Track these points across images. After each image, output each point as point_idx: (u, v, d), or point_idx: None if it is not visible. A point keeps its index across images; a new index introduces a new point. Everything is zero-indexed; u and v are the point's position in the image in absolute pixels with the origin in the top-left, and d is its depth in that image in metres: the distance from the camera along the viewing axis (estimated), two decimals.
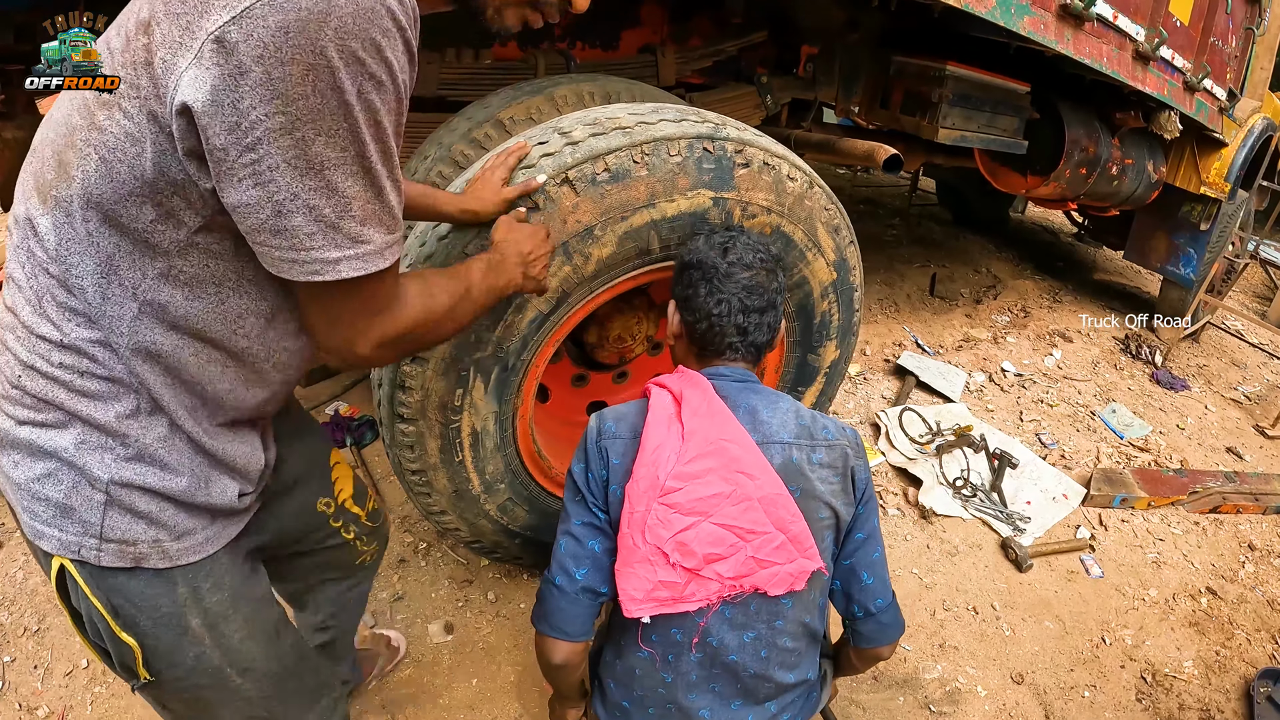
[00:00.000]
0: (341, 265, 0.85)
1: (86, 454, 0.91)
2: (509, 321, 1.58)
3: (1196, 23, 3.43)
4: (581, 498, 1.29)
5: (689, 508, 1.21)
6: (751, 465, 1.24)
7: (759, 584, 1.24)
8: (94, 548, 0.94)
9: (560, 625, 1.27)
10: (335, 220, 0.82)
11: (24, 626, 2.05)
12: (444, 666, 2.00)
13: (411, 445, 1.68)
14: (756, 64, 2.96)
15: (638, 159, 1.54)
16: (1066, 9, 2.58)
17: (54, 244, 0.87)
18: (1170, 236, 4.84)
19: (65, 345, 0.88)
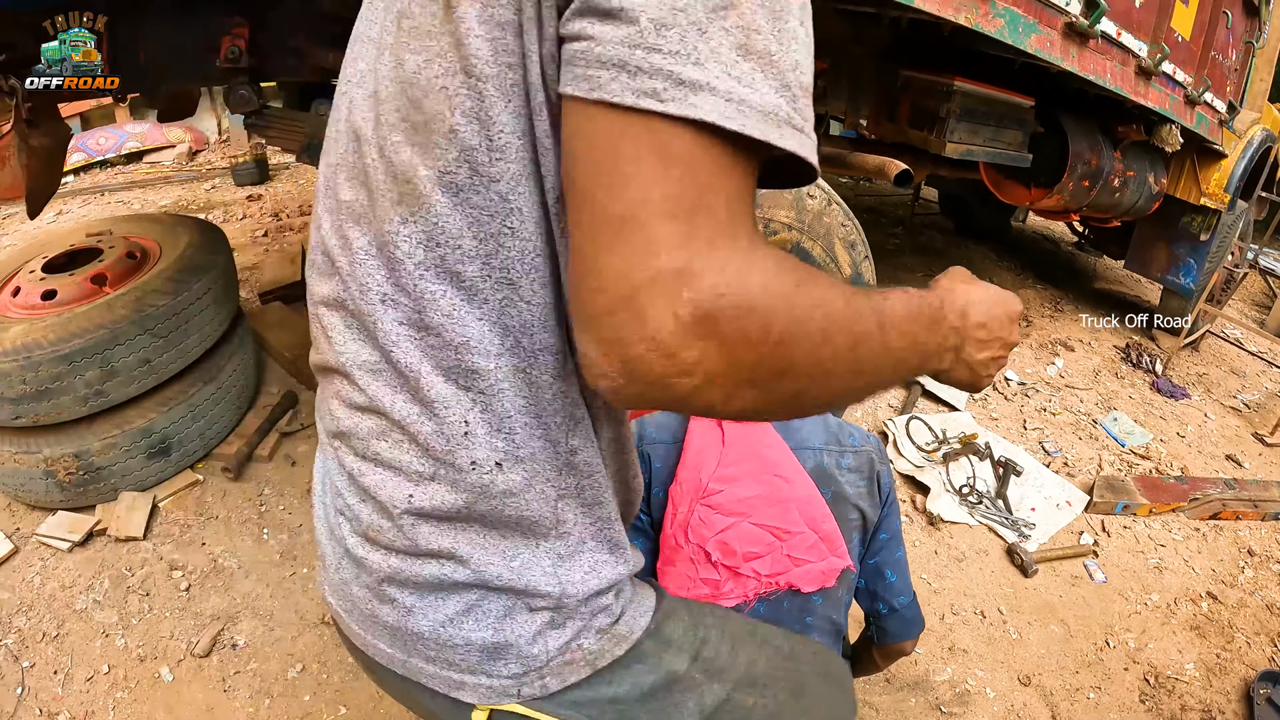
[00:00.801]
0: (708, 100, 0.49)
1: (510, 567, 0.74)
2: None
3: (1198, 37, 3.50)
4: None
5: (729, 508, 1.29)
6: (787, 469, 1.31)
7: (793, 581, 1.31)
8: (537, 679, 0.76)
9: None
10: (733, 26, 0.51)
11: (43, 631, 2.09)
12: None
13: None
14: None
15: None
16: (1072, 27, 2.64)
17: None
18: (1171, 246, 4.91)
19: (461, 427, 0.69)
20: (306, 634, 2.12)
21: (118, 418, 2.46)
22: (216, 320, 2.71)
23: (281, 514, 2.52)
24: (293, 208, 5.46)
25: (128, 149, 6.14)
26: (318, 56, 2.17)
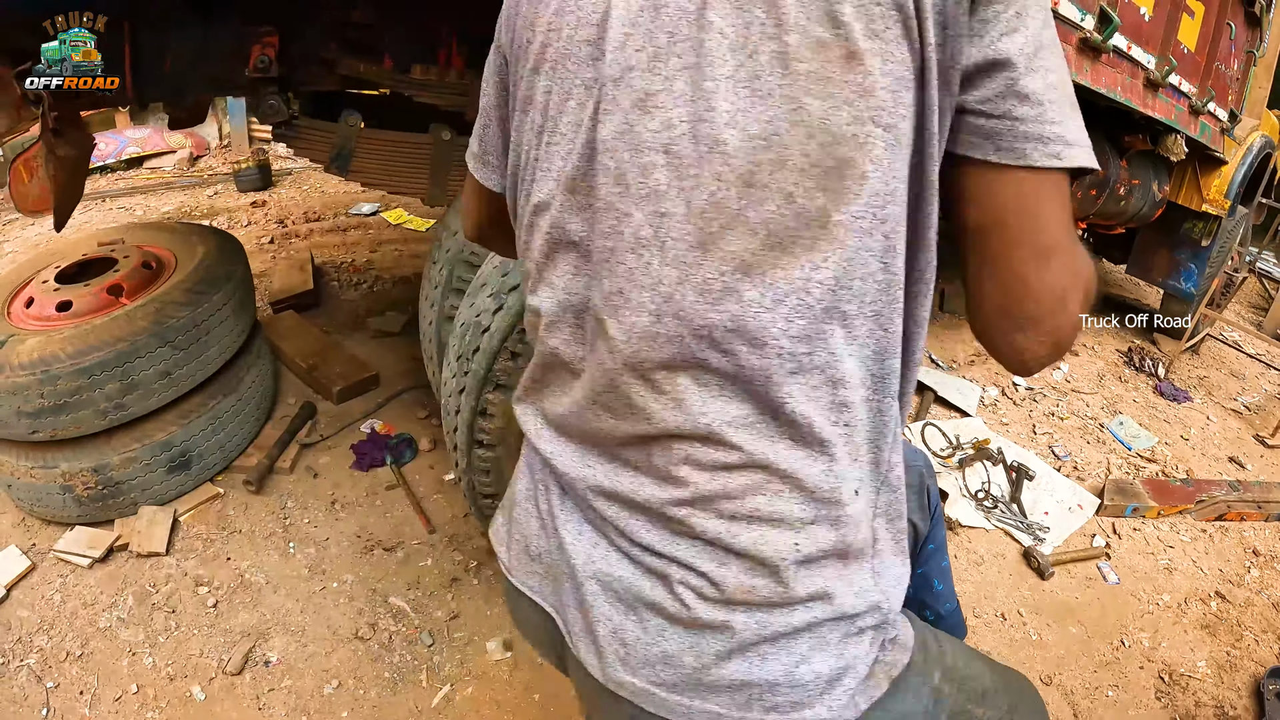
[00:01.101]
0: (1078, 150, 0.66)
1: (854, 593, 0.75)
2: None
3: (1203, 49, 3.53)
4: None
5: None
6: None
7: None
8: (859, 698, 0.76)
9: None
10: (1069, 92, 0.67)
11: (66, 651, 2.06)
12: (506, 683, 2.08)
13: (488, 470, 1.76)
14: None
15: None
16: (1086, 42, 2.66)
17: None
18: (1172, 252, 4.97)
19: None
20: (340, 649, 2.11)
21: (137, 431, 2.44)
22: (236, 331, 2.69)
23: (307, 527, 2.50)
24: (298, 214, 5.41)
25: (128, 154, 6.07)
26: (347, 66, 2.15)
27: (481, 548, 2.50)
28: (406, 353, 3.59)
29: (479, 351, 1.68)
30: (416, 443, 2.95)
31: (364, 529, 2.52)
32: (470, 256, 2.05)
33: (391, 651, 2.12)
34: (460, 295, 2.07)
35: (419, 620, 2.22)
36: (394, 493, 2.70)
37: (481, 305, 1.72)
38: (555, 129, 0.76)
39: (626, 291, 0.72)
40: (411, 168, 2.27)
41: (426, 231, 5.31)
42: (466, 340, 1.73)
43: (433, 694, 2.02)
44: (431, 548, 2.48)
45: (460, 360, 1.74)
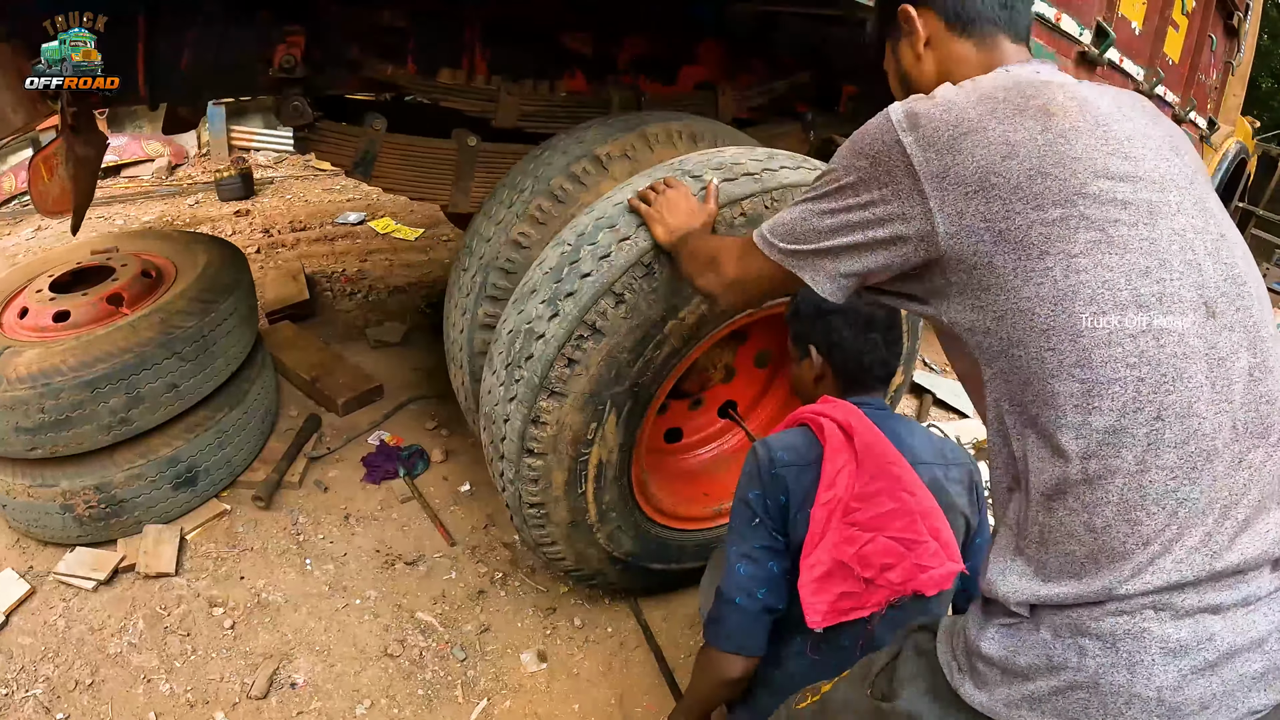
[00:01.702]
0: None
1: None
2: (649, 358, 1.64)
3: (1185, 60, 3.66)
4: (760, 522, 1.38)
5: (868, 524, 1.33)
6: (911, 484, 1.37)
7: (919, 586, 1.37)
8: None
9: (744, 642, 1.39)
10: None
11: (75, 680, 1.96)
12: (543, 694, 2.02)
13: (536, 479, 1.71)
14: (800, 102, 3.06)
15: (768, 205, 1.62)
16: (1084, 56, 2.74)
17: None
18: None
19: None
20: (370, 668, 2.03)
21: (141, 446, 2.35)
22: (241, 342, 2.60)
23: (322, 543, 2.42)
24: (283, 223, 5.30)
25: (105, 163, 5.90)
26: (373, 68, 2.09)
27: (505, 558, 2.44)
28: (408, 363, 3.52)
29: (532, 359, 1.63)
30: (428, 454, 2.88)
31: (383, 543, 2.44)
32: (506, 264, 2.00)
33: (423, 668, 2.05)
34: (494, 302, 2.01)
35: (449, 635, 2.15)
36: (409, 505, 2.62)
37: (534, 312, 1.67)
38: None
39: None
40: (434, 173, 2.22)
41: (416, 240, 5.23)
42: (517, 347, 1.67)
43: (470, 709, 1.96)
44: (454, 560, 2.41)
45: (510, 368, 1.69)
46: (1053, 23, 2.46)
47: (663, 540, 2.07)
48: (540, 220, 1.99)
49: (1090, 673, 0.79)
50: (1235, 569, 0.79)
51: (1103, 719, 0.79)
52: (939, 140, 0.87)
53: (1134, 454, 0.79)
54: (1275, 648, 0.80)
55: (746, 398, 2.41)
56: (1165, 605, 0.78)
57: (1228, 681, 0.78)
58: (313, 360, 3.27)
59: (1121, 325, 0.80)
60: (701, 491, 2.19)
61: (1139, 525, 0.79)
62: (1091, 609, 0.80)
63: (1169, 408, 0.79)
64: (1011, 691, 0.84)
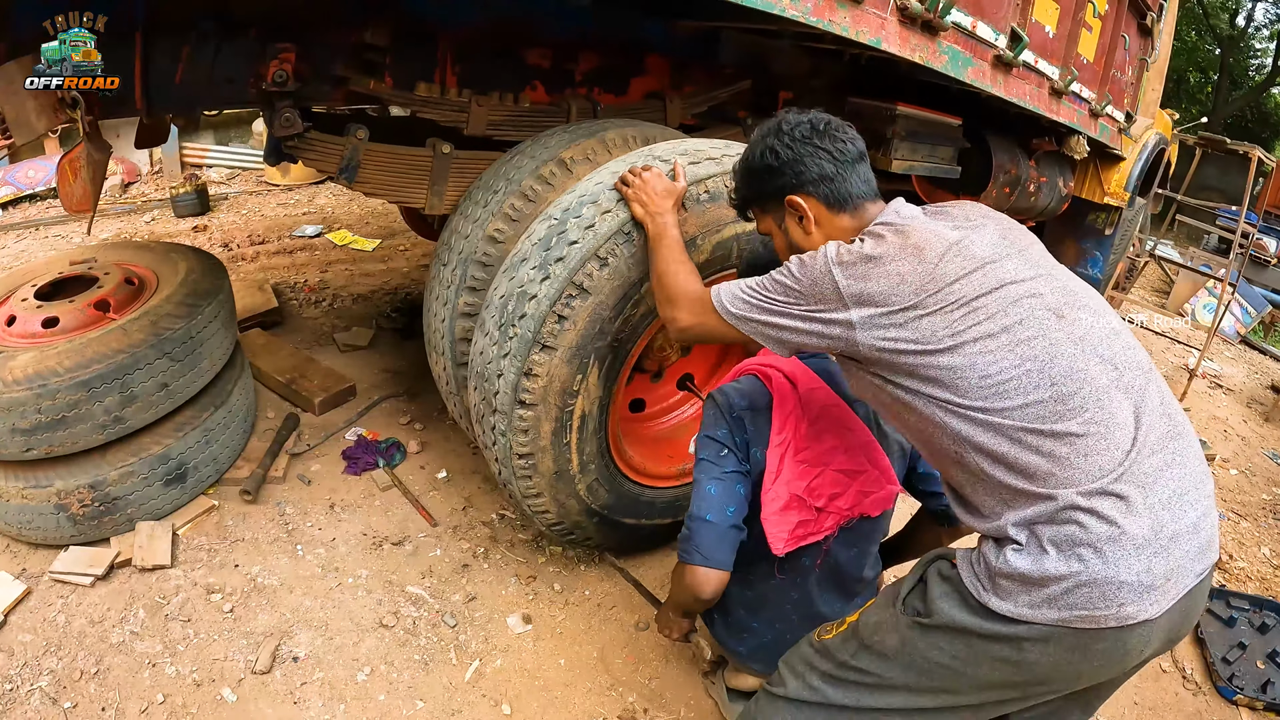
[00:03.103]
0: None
1: None
2: (627, 315, 1.89)
3: (1100, 59, 3.96)
4: (729, 451, 1.57)
5: (816, 461, 1.56)
6: (850, 421, 1.61)
7: (865, 509, 1.62)
8: None
9: (713, 555, 1.51)
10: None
11: (80, 670, 2.02)
12: (531, 653, 2.20)
13: (527, 429, 1.91)
14: (740, 108, 3.30)
15: (727, 183, 1.87)
16: (1000, 59, 2.99)
17: None
18: (1079, 242, 5.45)
19: None
20: (367, 638, 2.18)
21: (133, 445, 2.45)
22: (224, 345, 2.73)
23: (311, 530, 2.56)
24: (241, 237, 5.37)
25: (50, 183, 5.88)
26: (358, 82, 2.27)
27: (485, 535, 2.62)
28: (377, 365, 3.67)
29: (525, 317, 1.86)
30: (405, 446, 3.04)
31: (369, 527, 2.59)
32: (483, 257, 2.20)
33: (417, 635, 2.21)
34: (473, 292, 2.20)
35: (438, 605, 2.32)
36: (390, 492, 2.78)
37: (526, 276, 1.89)
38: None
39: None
40: (412, 178, 2.39)
41: (374, 250, 5.35)
42: (510, 308, 1.89)
43: (463, 670, 2.13)
44: (437, 539, 2.58)
45: (503, 328, 1.90)
46: (969, 30, 2.69)
47: (634, 495, 2.29)
48: (513, 218, 2.20)
49: (1089, 573, 1.09)
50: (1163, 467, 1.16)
51: (1103, 604, 1.09)
52: (856, 272, 1.27)
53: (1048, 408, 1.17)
54: (1203, 527, 1.16)
55: (702, 370, 2.65)
56: (1123, 496, 1.12)
57: (1177, 557, 1.12)
58: (286, 364, 3.40)
59: (1005, 344, 1.19)
60: (666, 454, 2.42)
61: (1088, 454, 1.14)
62: (1074, 513, 1.12)
63: (1060, 373, 1.17)
64: (1032, 597, 1.12)
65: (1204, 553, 1.16)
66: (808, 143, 1.42)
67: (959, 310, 1.20)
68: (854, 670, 1.35)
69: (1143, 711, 2.40)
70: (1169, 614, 1.13)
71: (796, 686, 1.43)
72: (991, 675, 1.19)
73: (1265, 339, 7.55)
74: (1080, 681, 1.19)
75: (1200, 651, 2.69)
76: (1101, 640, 1.12)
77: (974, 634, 1.18)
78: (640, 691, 2.13)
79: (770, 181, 1.47)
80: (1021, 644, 1.14)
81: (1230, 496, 3.95)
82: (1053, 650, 1.13)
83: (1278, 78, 17.83)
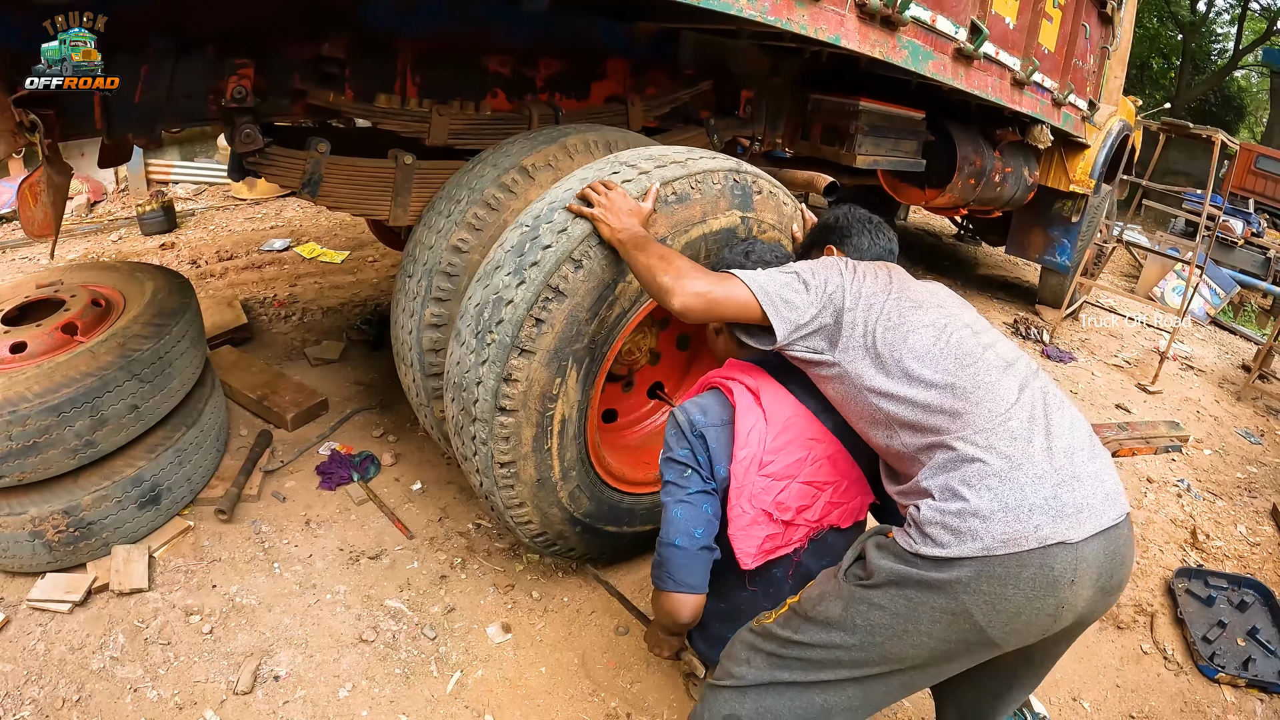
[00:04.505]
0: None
1: None
2: (602, 316, 1.90)
3: (1061, 48, 4.01)
4: (692, 472, 1.56)
5: (782, 474, 1.54)
6: (816, 432, 1.60)
7: (834, 521, 1.61)
8: None
9: (687, 580, 1.53)
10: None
11: (62, 698, 2.00)
12: (512, 662, 2.21)
13: (508, 436, 1.92)
14: (702, 108, 3.32)
15: (693, 185, 1.89)
16: (960, 51, 3.03)
17: None
18: (1046, 230, 5.52)
19: None
20: (347, 654, 2.18)
21: (105, 469, 2.43)
22: (194, 364, 2.71)
23: (287, 547, 2.54)
24: (210, 254, 5.32)
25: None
26: (317, 96, 2.26)
27: (462, 545, 2.61)
28: (349, 377, 3.66)
29: (503, 322, 1.85)
30: (379, 459, 3.03)
31: (345, 542, 2.59)
32: (448, 267, 2.20)
33: (397, 649, 2.21)
34: (440, 303, 2.20)
35: (418, 618, 2.31)
36: (366, 506, 2.77)
37: (500, 283, 1.89)
38: None
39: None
40: (375, 190, 2.38)
41: (343, 263, 5.33)
42: (487, 315, 1.89)
43: (445, 682, 2.12)
44: (415, 551, 2.57)
45: (480, 335, 1.90)
46: (929, 24, 2.71)
47: (614, 502, 2.30)
48: (477, 227, 2.20)
49: (998, 500, 1.22)
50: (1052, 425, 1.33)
51: (1018, 524, 1.20)
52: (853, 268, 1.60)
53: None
54: (1105, 479, 1.28)
55: (672, 378, 2.66)
56: (1016, 437, 1.29)
57: (1084, 495, 1.23)
58: (257, 380, 3.38)
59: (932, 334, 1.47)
60: (643, 461, 2.43)
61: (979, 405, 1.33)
62: (976, 451, 1.27)
63: (965, 359, 1.40)
64: (957, 535, 1.22)
65: (1112, 500, 1.26)
66: None
67: (908, 304, 1.51)
68: (798, 645, 1.39)
69: (1125, 694, 2.44)
70: (1092, 548, 1.22)
71: (741, 673, 1.46)
72: (933, 629, 1.26)
73: (1235, 319, 7.68)
74: (1020, 624, 1.24)
75: (1180, 632, 2.73)
76: (1027, 565, 1.19)
77: (911, 583, 1.26)
78: (622, 696, 2.14)
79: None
80: (955, 589, 1.22)
81: (1205, 476, 4.01)
82: (985, 587, 1.21)
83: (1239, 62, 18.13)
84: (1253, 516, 3.69)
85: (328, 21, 2.24)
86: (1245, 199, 11.88)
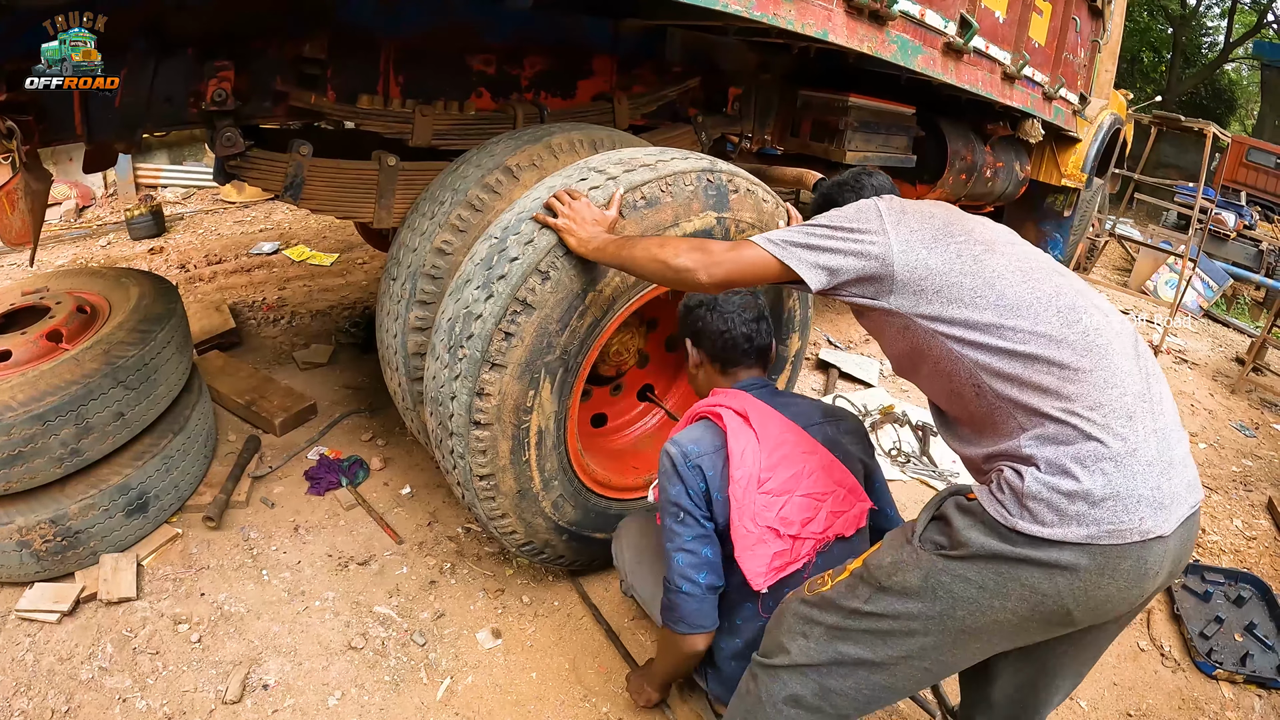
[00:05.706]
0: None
1: None
2: (573, 327, 1.87)
3: (1051, 42, 4.00)
4: (685, 515, 1.59)
5: (780, 490, 1.56)
6: (807, 445, 1.62)
7: (839, 530, 1.63)
8: None
9: (698, 622, 1.61)
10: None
11: (51, 709, 1.98)
12: (502, 667, 2.19)
13: (485, 450, 1.90)
14: (690, 105, 3.30)
15: (663, 189, 1.86)
16: (950, 46, 3.02)
17: None
18: (1038, 224, 5.51)
19: None
20: (336, 662, 2.16)
21: (92, 477, 2.41)
22: (180, 370, 2.69)
23: (275, 554, 2.52)
24: (198, 258, 5.30)
25: None
26: (299, 98, 2.24)
27: (451, 550, 2.60)
28: (338, 381, 3.64)
29: (473, 337, 1.83)
30: (367, 463, 3.01)
31: (333, 548, 2.56)
32: (432, 270, 2.18)
33: (386, 656, 2.19)
34: (424, 306, 2.18)
35: (407, 624, 2.30)
36: (355, 511, 2.75)
37: (470, 297, 1.87)
38: None
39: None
40: (358, 193, 2.36)
41: (332, 265, 5.31)
42: (458, 330, 1.87)
43: (435, 688, 2.11)
44: (404, 557, 2.55)
45: (452, 350, 1.88)
46: (918, 18, 2.70)
47: (602, 509, 2.27)
48: (461, 229, 2.18)
49: (1112, 487, 1.17)
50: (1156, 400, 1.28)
51: (1127, 517, 1.16)
52: (895, 207, 1.47)
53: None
54: (1189, 463, 1.27)
55: (662, 380, 2.64)
56: (1131, 417, 1.23)
57: (1176, 483, 1.21)
58: (245, 385, 3.36)
59: (1018, 278, 1.36)
60: (631, 466, 2.41)
61: (1093, 376, 1.25)
62: (1093, 429, 1.20)
63: (1068, 314, 1.31)
64: (1062, 515, 1.17)
65: (1193, 487, 1.25)
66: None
67: (979, 247, 1.38)
68: (869, 617, 1.34)
69: (1122, 691, 2.43)
70: (1177, 537, 1.21)
71: (799, 647, 1.41)
72: (1019, 607, 1.22)
73: (1228, 312, 7.68)
74: (1104, 610, 1.22)
75: (1177, 628, 2.71)
76: (1126, 557, 1.17)
77: (1005, 559, 1.21)
78: (614, 701, 2.12)
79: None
80: (1052, 569, 1.18)
81: (1200, 470, 3.97)
82: (1084, 575, 1.18)
83: (1230, 55, 18.16)
84: (1248, 510, 3.69)
85: (307, 20, 2.21)
86: (1237, 192, 11.91)
